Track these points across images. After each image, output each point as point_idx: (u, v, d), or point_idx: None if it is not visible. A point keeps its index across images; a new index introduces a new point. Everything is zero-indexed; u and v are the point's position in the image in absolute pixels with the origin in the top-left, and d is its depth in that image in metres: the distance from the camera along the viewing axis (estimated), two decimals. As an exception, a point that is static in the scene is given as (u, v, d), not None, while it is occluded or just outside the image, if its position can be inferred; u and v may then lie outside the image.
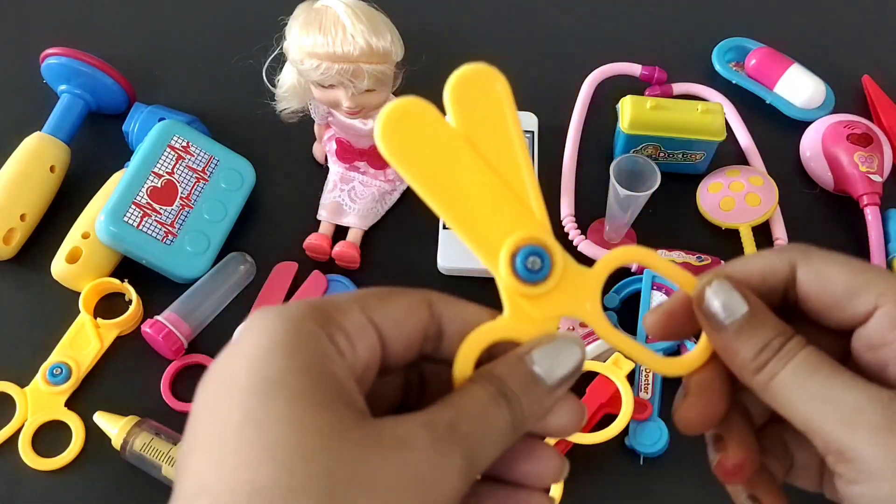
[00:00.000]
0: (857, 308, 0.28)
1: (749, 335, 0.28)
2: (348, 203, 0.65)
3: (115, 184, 0.62)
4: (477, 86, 0.31)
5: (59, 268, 0.61)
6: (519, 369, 0.27)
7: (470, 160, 0.28)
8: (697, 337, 0.31)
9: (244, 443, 0.22)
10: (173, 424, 0.56)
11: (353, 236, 0.65)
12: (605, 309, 0.62)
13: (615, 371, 0.56)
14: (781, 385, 0.27)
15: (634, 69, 0.74)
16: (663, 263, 0.30)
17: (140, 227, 0.60)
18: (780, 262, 0.29)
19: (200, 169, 0.64)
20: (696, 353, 0.30)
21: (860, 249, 0.66)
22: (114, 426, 0.56)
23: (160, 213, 0.61)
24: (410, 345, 0.27)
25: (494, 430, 0.25)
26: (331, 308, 0.26)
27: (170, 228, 0.61)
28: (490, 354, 0.28)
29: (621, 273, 0.64)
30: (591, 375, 0.57)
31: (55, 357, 0.59)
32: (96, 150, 0.70)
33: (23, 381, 0.58)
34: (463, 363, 0.27)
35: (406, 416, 0.24)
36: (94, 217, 0.60)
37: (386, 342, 0.26)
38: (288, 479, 0.21)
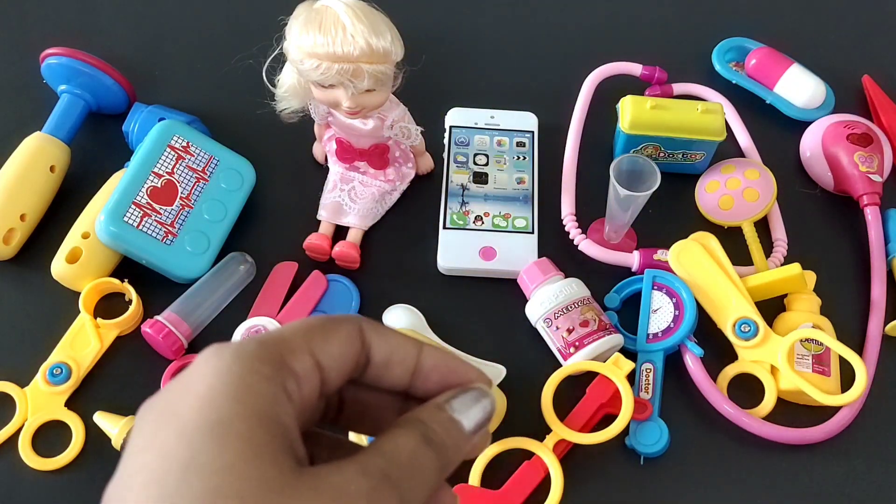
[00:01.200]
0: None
1: None
2: (348, 203, 0.65)
3: (115, 184, 0.62)
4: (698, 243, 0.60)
5: (59, 268, 0.61)
6: (441, 416, 0.28)
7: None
8: None
9: (185, 488, 0.22)
10: (173, 424, 0.56)
11: (353, 236, 0.65)
12: (606, 309, 0.62)
13: (615, 371, 0.56)
14: None
15: (634, 69, 0.74)
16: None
17: (140, 227, 0.60)
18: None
19: (200, 169, 0.64)
20: None
21: (860, 249, 0.66)
22: (114, 426, 0.56)
23: (160, 213, 0.61)
24: (344, 375, 0.28)
25: (424, 474, 0.27)
26: (283, 349, 0.26)
27: (170, 228, 0.61)
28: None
29: (622, 273, 0.64)
30: (592, 375, 0.57)
31: (55, 357, 0.59)
32: (96, 150, 0.70)
33: (23, 381, 0.58)
34: None
35: (340, 463, 0.25)
36: (94, 217, 0.60)
37: (326, 378, 0.27)
38: None
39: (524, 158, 0.69)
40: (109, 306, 0.62)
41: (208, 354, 0.25)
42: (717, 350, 0.60)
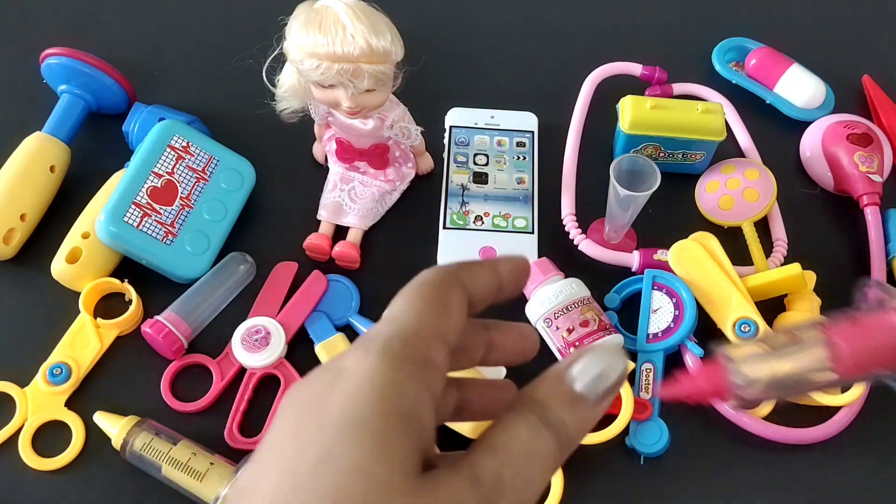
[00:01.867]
0: None
1: None
2: (348, 203, 0.65)
3: (115, 184, 0.62)
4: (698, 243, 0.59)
5: (59, 268, 0.61)
6: (559, 390, 0.26)
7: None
8: None
9: (316, 482, 0.22)
10: (173, 424, 0.56)
11: (353, 236, 0.65)
12: (606, 309, 0.62)
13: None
14: None
15: (634, 69, 0.74)
16: None
17: (140, 227, 0.60)
18: None
19: (200, 169, 0.64)
20: None
21: (860, 249, 0.66)
22: (114, 426, 0.56)
23: (160, 213, 0.61)
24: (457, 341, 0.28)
25: (541, 466, 0.25)
26: (424, 345, 0.26)
27: (170, 228, 0.61)
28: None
29: (622, 273, 0.64)
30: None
31: (55, 357, 0.59)
32: (96, 150, 0.70)
33: (23, 381, 0.58)
34: None
35: (455, 468, 0.24)
36: (94, 217, 0.60)
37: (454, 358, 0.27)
38: None
39: (524, 158, 0.69)
40: (109, 306, 0.62)
41: (359, 354, 0.25)
42: (717, 350, 0.60)
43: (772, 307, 0.61)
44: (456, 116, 0.71)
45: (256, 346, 0.59)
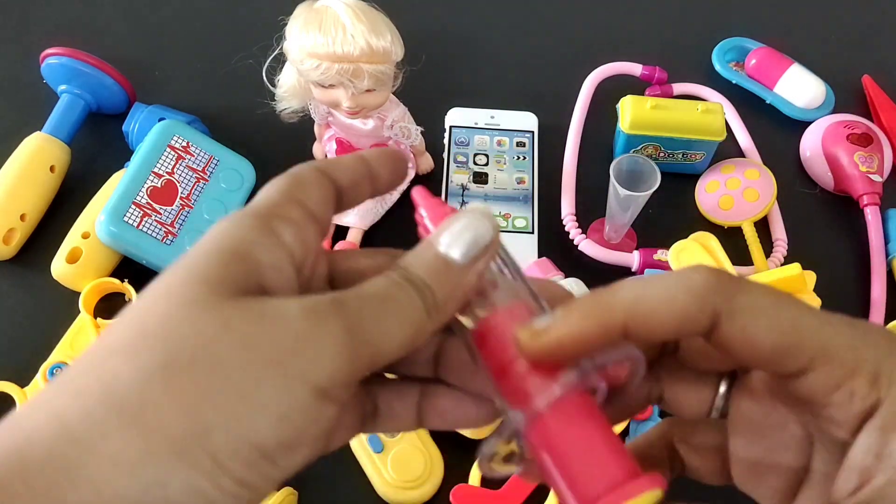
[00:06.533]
0: (786, 368, 0.24)
1: None
2: (348, 203, 0.65)
3: (115, 184, 0.62)
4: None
5: (59, 268, 0.61)
6: (426, 255, 0.26)
7: None
8: None
9: (131, 313, 0.23)
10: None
11: (353, 236, 0.65)
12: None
13: (615, 371, 0.56)
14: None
15: (634, 69, 0.74)
16: None
17: (140, 227, 0.60)
18: (699, 313, 0.24)
19: (200, 169, 0.64)
20: None
21: (860, 249, 0.66)
22: (114, 426, 0.56)
23: (160, 213, 0.61)
24: (331, 212, 0.27)
25: (397, 312, 0.24)
26: (271, 205, 0.26)
27: (170, 228, 0.61)
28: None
29: (622, 273, 0.64)
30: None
31: (55, 357, 0.59)
32: (96, 150, 0.70)
33: (23, 381, 0.58)
34: None
35: (295, 296, 0.24)
36: (94, 217, 0.60)
37: (323, 223, 0.27)
38: (138, 343, 0.22)
39: (524, 158, 0.69)
40: (109, 306, 0.62)
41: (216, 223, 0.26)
42: (717, 350, 0.60)
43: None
44: (456, 116, 0.71)
45: (256, 346, 0.59)
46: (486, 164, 0.69)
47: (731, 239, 0.64)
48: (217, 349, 0.22)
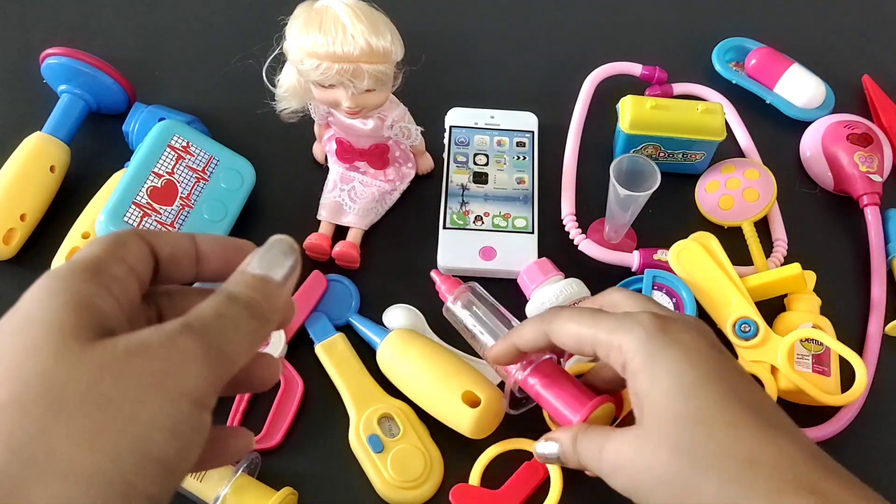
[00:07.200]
0: (586, 354, 0.43)
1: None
2: (348, 203, 0.65)
3: (115, 184, 0.62)
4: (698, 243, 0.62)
5: (59, 268, 0.61)
6: (243, 277, 0.31)
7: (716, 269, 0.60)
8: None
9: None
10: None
11: (353, 236, 0.65)
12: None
13: (615, 371, 0.56)
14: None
15: (634, 69, 0.74)
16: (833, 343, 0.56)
17: (140, 227, 0.60)
18: (538, 333, 0.44)
19: (200, 169, 0.64)
20: None
21: (860, 249, 0.66)
22: (114, 426, 0.56)
23: (160, 213, 0.61)
24: (149, 275, 0.31)
25: (235, 325, 0.29)
26: (97, 262, 0.29)
27: (170, 228, 0.61)
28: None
29: (622, 273, 0.64)
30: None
31: (55, 357, 0.59)
32: (96, 150, 0.70)
33: (23, 381, 0.58)
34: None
35: (144, 329, 0.27)
36: (94, 217, 0.60)
37: (141, 279, 0.31)
38: (24, 395, 0.25)
39: (524, 158, 0.69)
40: (109, 306, 0.62)
41: (36, 283, 0.29)
42: (717, 350, 0.60)
43: (772, 307, 0.61)
44: (456, 116, 0.71)
45: (256, 346, 0.59)
46: (486, 164, 0.69)
47: (731, 239, 0.64)
48: (101, 388, 0.25)
